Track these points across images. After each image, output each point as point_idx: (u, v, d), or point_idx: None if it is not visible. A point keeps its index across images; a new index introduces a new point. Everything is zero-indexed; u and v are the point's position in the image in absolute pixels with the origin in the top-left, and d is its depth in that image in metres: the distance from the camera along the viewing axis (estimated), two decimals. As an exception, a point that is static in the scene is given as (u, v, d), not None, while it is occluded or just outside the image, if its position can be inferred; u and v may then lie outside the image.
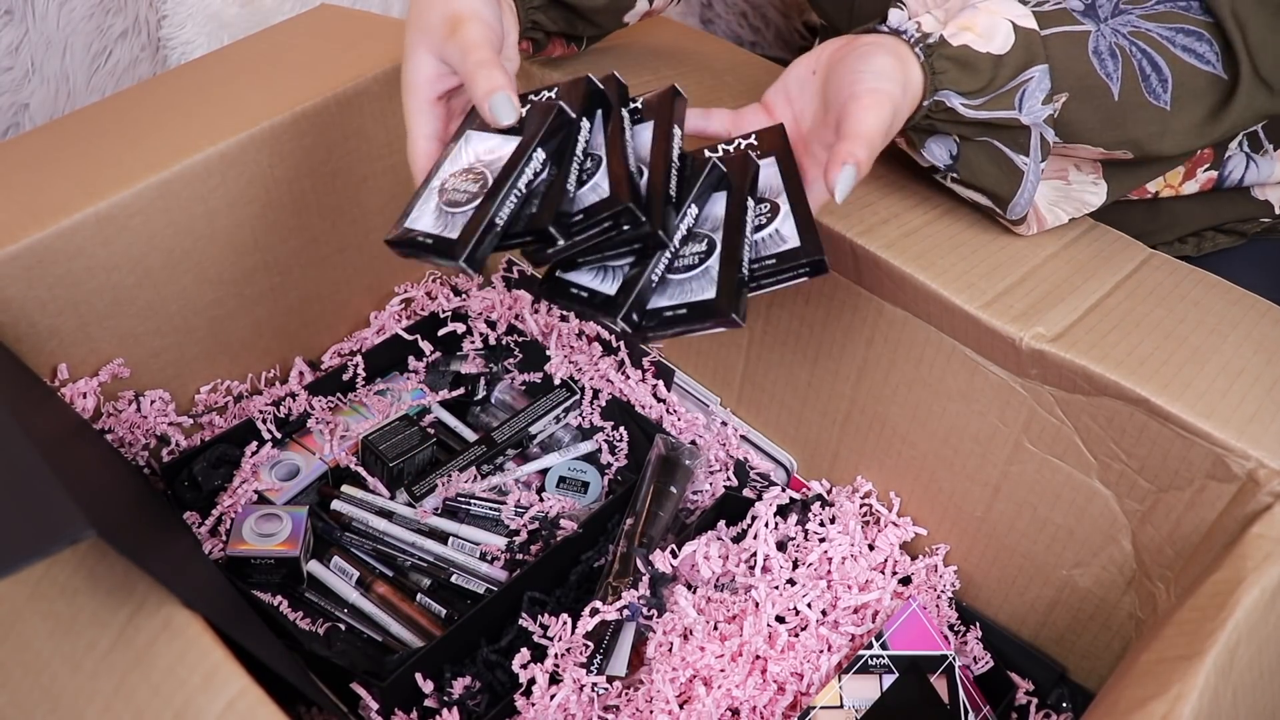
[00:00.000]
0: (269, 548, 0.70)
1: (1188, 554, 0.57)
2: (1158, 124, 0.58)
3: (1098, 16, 0.57)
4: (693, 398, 0.81)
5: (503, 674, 0.64)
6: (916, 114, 0.57)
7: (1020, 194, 0.59)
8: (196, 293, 0.73)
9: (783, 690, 0.63)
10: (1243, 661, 0.47)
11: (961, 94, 0.56)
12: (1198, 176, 0.71)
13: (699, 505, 0.75)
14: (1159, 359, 0.57)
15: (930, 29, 0.57)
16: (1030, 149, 0.58)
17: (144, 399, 0.74)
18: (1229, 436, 0.53)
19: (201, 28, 1.07)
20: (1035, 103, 0.56)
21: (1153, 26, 0.57)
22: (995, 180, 0.60)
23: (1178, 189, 0.72)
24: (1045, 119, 0.57)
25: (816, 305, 0.68)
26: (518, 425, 0.79)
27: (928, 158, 0.61)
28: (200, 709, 0.42)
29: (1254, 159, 0.71)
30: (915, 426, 0.67)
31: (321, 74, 0.76)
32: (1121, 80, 0.56)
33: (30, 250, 0.63)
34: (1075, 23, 0.57)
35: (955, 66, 0.56)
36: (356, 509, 0.74)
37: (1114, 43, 0.56)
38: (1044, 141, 0.58)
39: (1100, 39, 0.56)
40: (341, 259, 0.82)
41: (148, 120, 0.72)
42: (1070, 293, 0.60)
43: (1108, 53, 0.56)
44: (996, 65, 0.56)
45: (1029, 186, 0.59)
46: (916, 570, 0.70)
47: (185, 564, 0.55)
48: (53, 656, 0.44)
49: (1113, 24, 0.57)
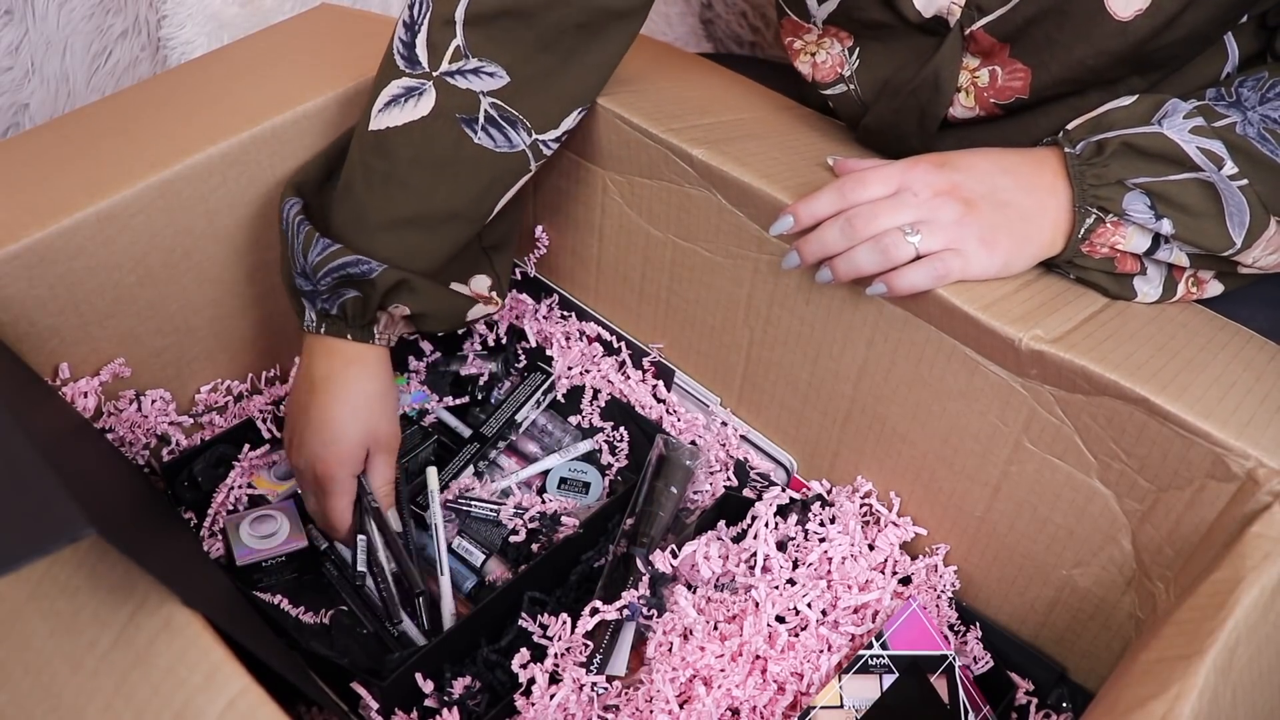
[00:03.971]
0: (274, 546, 0.70)
1: (1187, 554, 0.57)
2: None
3: (1243, 106, 0.57)
4: (693, 398, 0.81)
5: (503, 674, 0.64)
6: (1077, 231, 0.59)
7: (1227, 206, 0.56)
8: (197, 292, 0.73)
9: (783, 690, 0.63)
10: (1242, 661, 0.47)
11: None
12: None
13: (699, 505, 0.75)
14: (1155, 365, 0.57)
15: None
16: (1201, 164, 0.57)
17: (144, 398, 0.74)
18: (1228, 436, 0.53)
19: (201, 28, 1.07)
20: (1176, 120, 0.56)
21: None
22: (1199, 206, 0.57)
23: None
24: (1194, 130, 0.56)
25: (816, 305, 0.68)
26: (503, 417, 0.80)
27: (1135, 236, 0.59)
28: (200, 708, 0.42)
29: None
30: (915, 426, 0.67)
31: (321, 74, 0.76)
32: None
33: (31, 250, 0.63)
34: (1219, 116, 0.57)
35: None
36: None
37: (1262, 128, 0.56)
38: (1210, 155, 0.56)
39: (1248, 126, 0.56)
40: (342, 259, 0.82)
41: (148, 120, 0.72)
42: (1063, 305, 0.60)
43: (1256, 137, 0.56)
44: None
45: (1229, 194, 0.56)
46: (916, 570, 0.70)
47: (185, 563, 0.55)
48: (53, 655, 0.44)
49: (1261, 110, 0.57)
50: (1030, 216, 0.59)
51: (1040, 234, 0.59)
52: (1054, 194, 0.59)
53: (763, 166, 0.68)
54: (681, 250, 0.75)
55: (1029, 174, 0.59)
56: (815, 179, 0.67)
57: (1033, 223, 0.59)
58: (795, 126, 0.76)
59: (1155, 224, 0.57)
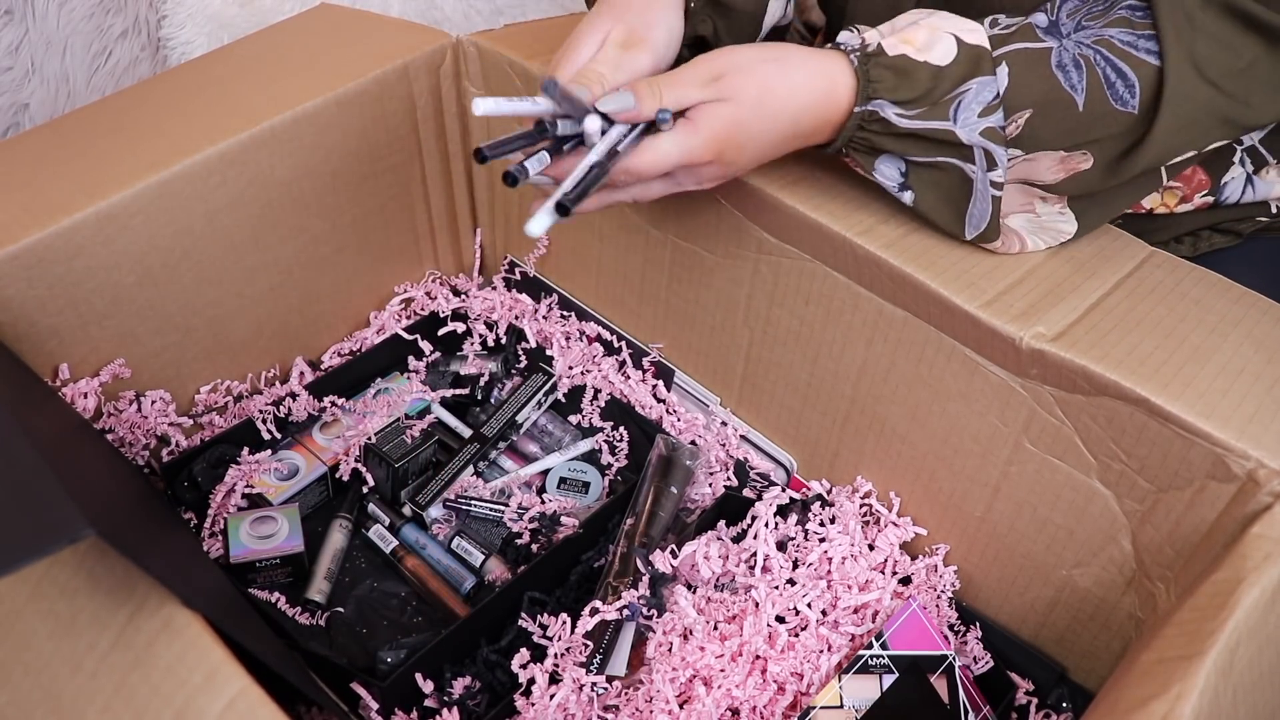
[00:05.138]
0: (271, 547, 0.70)
1: (1188, 554, 0.57)
2: (1127, 130, 0.56)
3: (1060, 33, 0.57)
4: (693, 398, 0.81)
5: (503, 674, 0.64)
6: (848, 124, 0.58)
7: (973, 205, 0.60)
8: (197, 293, 0.73)
9: (783, 690, 0.63)
10: (1243, 661, 0.47)
11: (896, 103, 0.56)
12: (1194, 201, 0.71)
13: (699, 505, 0.75)
14: (1159, 358, 0.57)
15: (871, 40, 0.57)
16: (976, 160, 0.58)
17: (144, 399, 0.74)
18: (1229, 436, 0.53)
19: (201, 28, 1.07)
20: (972, 115, 0.56)
21: (1116, 33, 0.56)
22: (950, 192, 0.60)
23: (1172, 208, 0.72)
24: (984, 133, 0.56)
25: (816, 305, 0.68)
26: (504, 417, 0.80)
27: (878, 179, 0.61)
28: (200, 709, 0.42)
29: (1254, 180, 0.71)
30: (915, 426, 0.67)
31: (321, 74, 0.76)
32: (1086, 90, 0.55)
33: (30, 250, 0.63)
34: (1038, 39, 0.57)
35: (892, 75, 0.56)
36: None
37: (1077, 54, 0.56)
38: (989, 155, 0.58)
39: (1064, 53, 0.56)
40: (341, 259, 0.83)
41: (148, 120, 0.72)
42: (1071, 291, 0.60)
43: (1071, 64, 0.56)
44: (936, 76, 0.56)
45: (980, 198, 0.59)
46: (916, 570, 0.70)
47: (185, 564, 0.55)
48: (53, 656, 0.44)
49: (1076, 37, 0.56)
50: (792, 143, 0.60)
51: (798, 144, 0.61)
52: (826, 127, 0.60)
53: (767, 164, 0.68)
54: (681, 250, 0.75)
55: (809, 129, 0.59)
56: (813, 174, 0.67)
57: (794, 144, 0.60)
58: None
59: (898, 193, 0.61)
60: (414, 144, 0.83)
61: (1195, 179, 0.70)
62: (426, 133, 0.83)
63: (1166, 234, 0.73)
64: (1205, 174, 0.70)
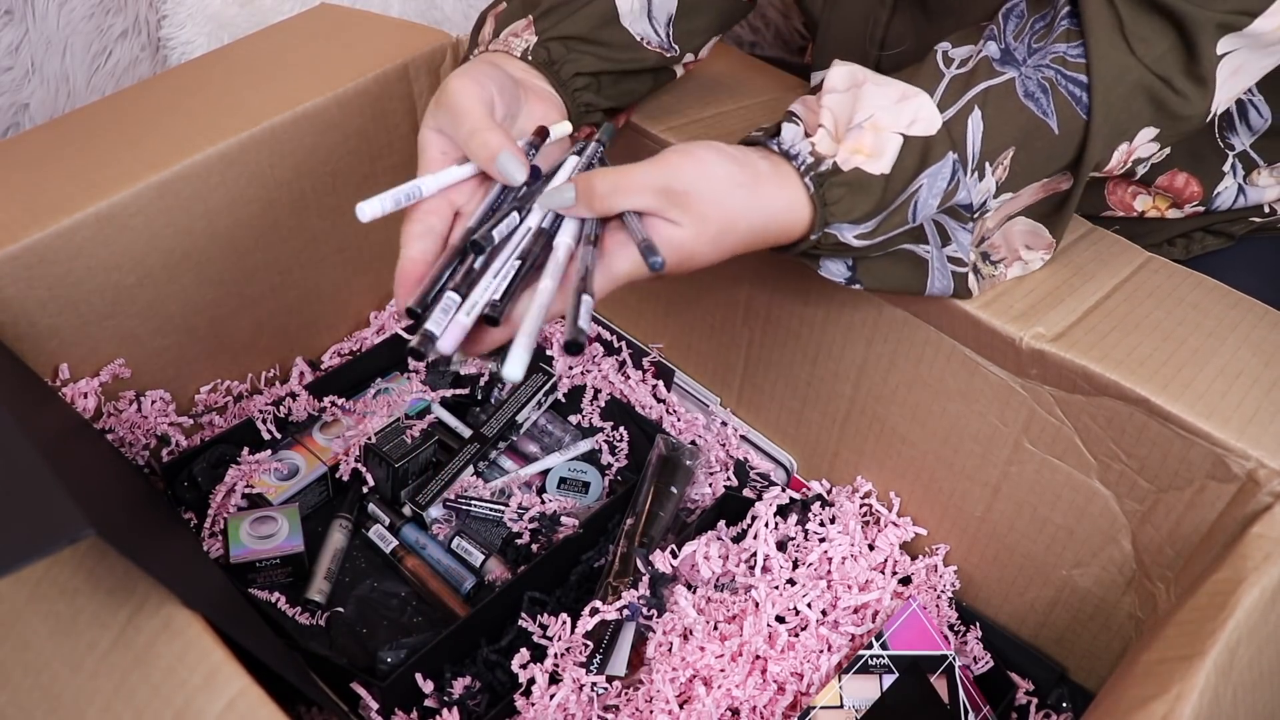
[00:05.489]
0: (271, 547, 0.70)
1: (1188, 554, 0.57)
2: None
3: (1016, 60, 0.55)
4: (693, 398, 0.81)
5: (502, 674, 0.64)
6: (801, 243, 0.54)
7: (931, 283, 0.58)
8: (197, 293, 0.73)
9: (783, 690, 0.63)
10: (1243, 661, 0.47)
11: (853, 222, 0.53)
12: (1185, 209, 0.71)
13: (699, 505, 0.75)
14: (1158, 359, 0.57)
15: (825, 151, 0.53)
16: (929, 237, 0.57)
17: (144, 399, 0.74)
18: (1229, 436, 0.53)
19: (201, 28, 1.07)
20: (931, 208, 0.54)
21: (1064, 49, 0.55)
22: (902, 279, 0.58)
23: (1164, 212, 0.72)
24: (940, 207, 0.55)
25: (816, 305, 0.68)
26: (504, 417, 0.80)
27: (823, 274, 0.58)
28: (200, 709, 0.42)
29: (1245, 189, 0.71)
30: (915, 426, 0.67)
31: (321, 74, 0.76)
32: (1056, 112, 0.54)
33: (30, 250, 0.63)
34: (996, 74, 0.55)
35: (847, 191, 0.53)
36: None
37: (1040, 79, 0.55)
38: (940, 229, 0.56)
39: (1028, 81, 0.55)
40: (341, 259, 0.82)
41: (148, 120, 0.72)
42: (1069, 294, 0.60)
43: (1038, 90, 0.55)
44: (886, 182, 0.53)
45: (936, 274, 0.58)
46: (916, 570, 0.70)
47: (185, 564, 0.55)
48: (53, 656, 0.44)
49: (1032, 62, 0.55)
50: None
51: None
52: (776, 245, 0.56)
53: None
54: (681, 250, 0.75)
55: (758, 248, 0.55)
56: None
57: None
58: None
59: (846, 285, 0.58)
60: (414, 144, 0.82)
61: (1188, 190, 0.70)
62: (426, 133, 0.83)
63: (1159, 236, 0.74)
64: (1198, 185, 0.70)
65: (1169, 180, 0.69)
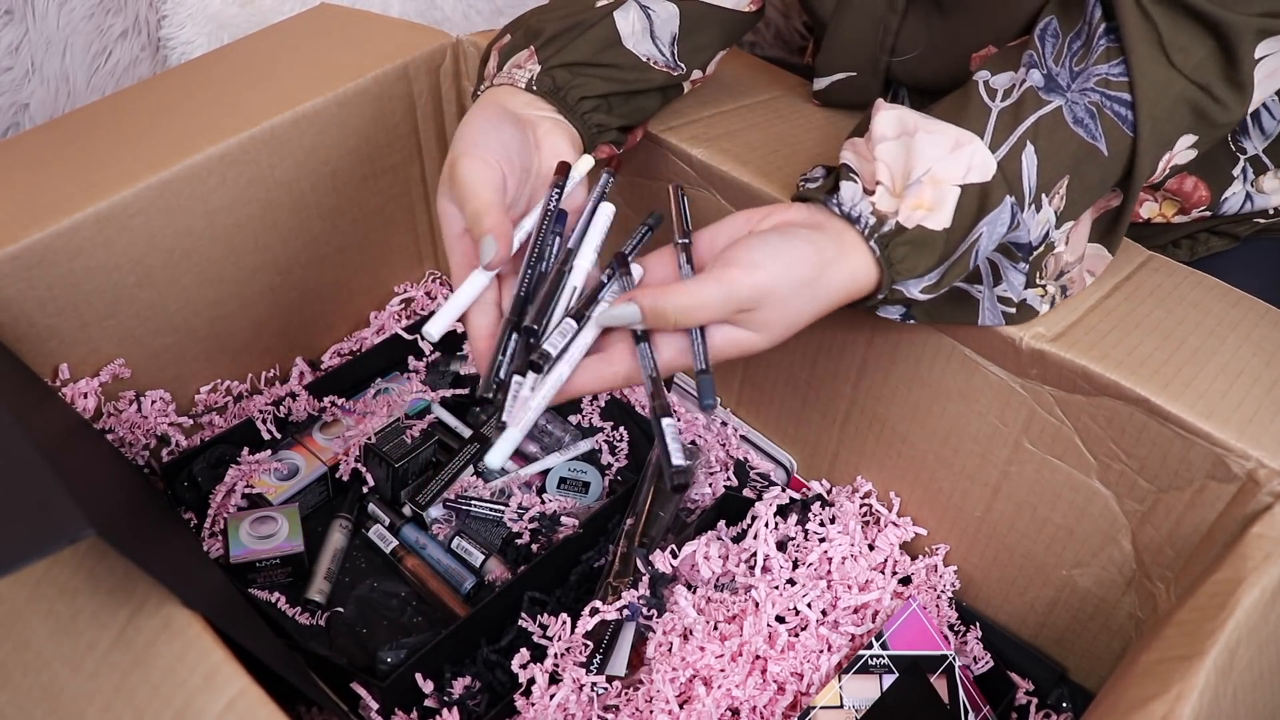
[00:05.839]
0: (271, 547, 0.70)
1: (1188, 554, 0.57)
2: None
3: (1061, 86, 0.55)
4: (693, 398, 0.81)
5: (502, 674, 0.64)
6: (867, 300, 0.55)
7: (981, 319, 0.59)
8: (196, 293, 0.73)
9: (783, 690, 0.63)
10: (1243, 661, 0.47)
11: (917, 277, 0.54)
12: (1191, 215, 0.71)
13: (699, 505, 0.75)
14: (1159, 359, 0.57)
15: (886, 209, 0.53)
16: (981, 277, 0.57)
17: (144, 399, 0.74)
18: (1229, 436, 0.53)
19: (201, 28, 1.07)
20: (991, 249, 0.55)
21: (1106, 69, 0.55)
22: (955, 316, 0.59)
23: (1169, 218, 0.72)
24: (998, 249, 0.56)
25: (816, 305, 0.68)
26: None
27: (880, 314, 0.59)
28: (200, 709, 0.42)
29: (1252, 195, 0.71)
30: (915, 426, 0.67)
31: (321, 74, 0.76)
32: (1104, 134, 0.55)
33: (30, 250, 0.63)
34: (1043, 103, 0.55)
35: (910, 249, 0.53)
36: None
37: (1087, 104, 0.55)
38: (995, 269, 0.57)
39: (1075, 107, 0.55)
40: (341, 259, 0.83)
41: (148, 120, 0.72)
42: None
43: (1086, 115, 0.55)
44: (946, 237, 0.53)
45: (987, 312, 0.58)
46: (916, 570, 0.70)
47: (185, 564, 0.55)
48: (53, 656, 0.44)
49: (1077, 86, 0.55)
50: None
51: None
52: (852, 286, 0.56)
53: (762, 163, 0.68)
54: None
55: (830, 308, 0.55)
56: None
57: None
58: (799, 108, 0.76)
59: (904, 320, 0.59)
60: (414, 144, 0.83)
61: (1196, 194, 0.70)
62: (426, 133, 0.83)
63: (1164, 238, 0.74)
64: (1206, 189, 0.70)
65: (1178, 183, 0.69)
